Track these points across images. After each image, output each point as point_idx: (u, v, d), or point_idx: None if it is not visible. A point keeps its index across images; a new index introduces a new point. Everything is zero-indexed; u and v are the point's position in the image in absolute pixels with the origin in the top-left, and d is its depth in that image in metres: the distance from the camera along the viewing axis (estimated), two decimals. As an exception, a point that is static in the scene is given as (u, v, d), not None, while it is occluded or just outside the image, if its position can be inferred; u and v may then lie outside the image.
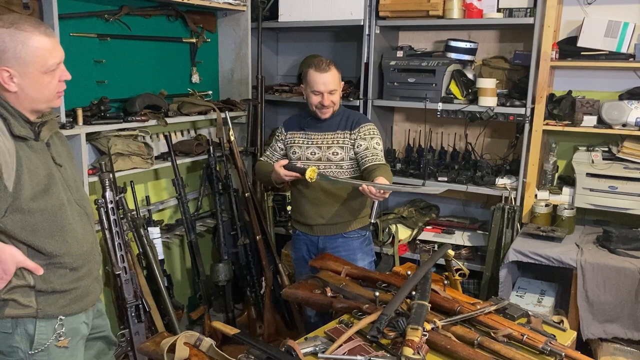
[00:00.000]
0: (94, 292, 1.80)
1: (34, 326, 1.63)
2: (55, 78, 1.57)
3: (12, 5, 2.27)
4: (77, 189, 1.74)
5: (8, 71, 1.49)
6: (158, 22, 3.06)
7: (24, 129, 1.56)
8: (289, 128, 2.63)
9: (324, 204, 2.53)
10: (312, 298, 1.98)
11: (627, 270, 2.53)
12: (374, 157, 2.45)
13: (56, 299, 1.66)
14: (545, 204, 3.00)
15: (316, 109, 2.50)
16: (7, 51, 1.47)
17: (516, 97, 3.03)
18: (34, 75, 1.52)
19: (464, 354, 1.56)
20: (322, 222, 2.55)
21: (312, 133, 2.55)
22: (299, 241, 2.67)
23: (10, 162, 1.49)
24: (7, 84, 1.49)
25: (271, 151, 2.69)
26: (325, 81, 2.43)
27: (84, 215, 1.75)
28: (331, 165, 2.52)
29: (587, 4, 3.03)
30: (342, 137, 2.51)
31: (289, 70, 4.08)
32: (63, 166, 1.68)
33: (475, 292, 3.12)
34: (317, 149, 2.53)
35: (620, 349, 2.64)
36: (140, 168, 2.76)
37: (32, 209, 1.56)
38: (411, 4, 3.14)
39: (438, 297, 1.85)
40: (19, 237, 1.57)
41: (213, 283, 3.19)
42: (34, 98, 1.55)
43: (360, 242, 2.61)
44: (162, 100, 2.91)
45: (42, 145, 1.62)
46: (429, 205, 3.57)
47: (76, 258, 1.68)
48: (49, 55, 1.52)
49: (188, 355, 1.51)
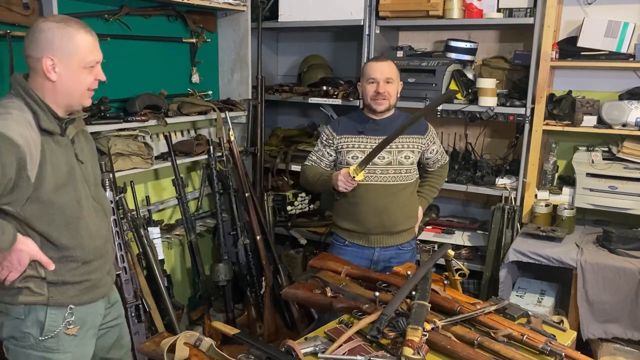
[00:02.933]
0: (105, 285, 1.85)
1: (45, 313, 1.69)
2: (92, 75, 1.68)
3: (12, 5, 2.27)
4: (96, 186, 1.82)
5: (52, 60, 1.59)
6: (158, 22, 3.06)
7: (52, 123, 1.63)
8: (342, 132, 2.46)
9: (387, 211, 2.41)
10: (312, 298, 1.98)
11: (627, 270, 2.53)
12: (442, 157, 2.64)
13: (67, 290, 1.71)
14: (545, 204, 3.00)
15: (371, 101, 2.39)
16: (55, 43, 1.59)
17: (516, 97, 3.03)
18: (74, 68, 1.62)
19: (464, 354, 1.56)
20: (382, 231, 2.43)
21: (376, 137, 2.39)
22: (346, 253, 2.46)
23: (35, 155, 1.56)
24: (49, 72, 1.60)
25: (318, 157, 2.53)
26: (382, 69, 2.36)
27: (100, 211, 1.81)
28: (402, 169, 2.42)
29: (587, 4, 3.03)
30: (413, 141, 2.45)
31: (289, 70, 4.08)
32: (84, 163, 1.76)
33: (475, 292, 3.12)
34: (387, 153, 2.39)
35: (620, 349, 2.64)
36: (140, 168, 2.76)
37: (51, 200, 1.62)
38: (411, 4, 3.14)
39: (438, 297, 1.85)
40: (35, 227, 1.63)
41: (213, 283, 3.18)
42: (69, 90, 1.64)
43: (410, 256, 2.54)
44: (162, 100, 2.91)
45: (67, 141, 1.70)
46: (429, 205, 3.57)
47: (88, 252, 1.74)
48: (89, 53, 1.64)
49: (188, 355, 1.51)
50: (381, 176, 2.40)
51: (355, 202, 2.42)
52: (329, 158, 2.52)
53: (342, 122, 2.53)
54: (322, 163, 2.53)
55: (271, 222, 3.54)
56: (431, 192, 2.66)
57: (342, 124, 2.51)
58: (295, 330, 3.27)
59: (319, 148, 2.54)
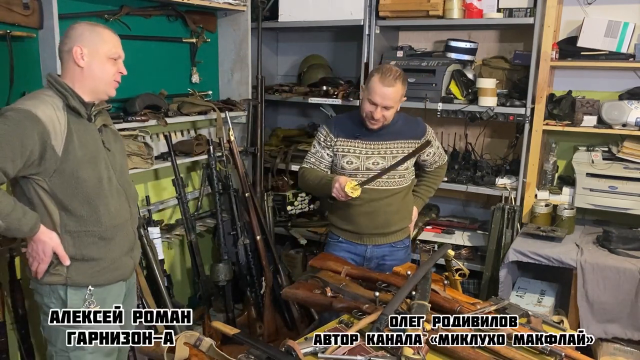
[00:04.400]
0: (123, 267, 1.95)
1: (65, 292, 1.83)
2: (116, 67, 1.87)
3: (12, 5, 2.27)
4: (122, 173, 1.96)
5: (82, 49, 1.80)
6: (158, 22, 3.06)
7: (78, 104, 1.81)
8: (340, 134, 2.41)
9: (379, 213, 2.41)
10: (312, 298, 1.98)
11: (627, 270, 2.53)
12: (440, 158, 2.59)
13: (85, 269, 1.84)
14: (545, 204, 3.00)
15: (365, 118, 2.32)
16: (84, 35, 1.81)
17: (516, 97, 3.03)
18: (101, 58, 1.82)
19: (464, 354, 1.56)
20: (375, 232, 2.44)
21: (372, 142, 2.37)
22: (340, 249, 2.48)
23: (59, 130, 1.74)
24: (78, 59, 1.80)
25: (317, 159, 2.46)
26: (385, 95, 2.23)
27: (123, 194, 1.94)
28: (395, 175, 2.38)
29: (587, 4, 3.03)
30: (408, 146, 2.39)
31: (289, 70, 4.08)
32: (111, 151, 1.92)
33: (475, 292, 3.12)
34: (381, 158, 2.37)
35: (620, 349, 2.64)
36: (140, 168, 2.76)
37: (75, 174, 1.78)
38: (411, 4, 3.14)
39: (438, 297, 1.85)
40: (58, 197, 1.78)
41: (213, 283, 3.18)
42: (96, 77, 1.83)
43: (404, 253, 2.54)
44: (162, 100, 2.91)
45: (94, 127, 1.87)
46: (428, 205, 3.57)
47: (106, 228, 1.86)
48: (114, 47, 1.86)
49: (188, 355, 1.51)
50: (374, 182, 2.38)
51: (349, 205, 2.40)
52: (328, 160, 2.45)
53: (338, 122, 2.46)
54: (321, 165, 2.46)
55: (271, 222, 3.54)
56: (427, 191, 2.65)
57: (338, 124, 2.44)
58: (295, 330, 3.27)
59: (317, 150, 2.47)
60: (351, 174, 2.37)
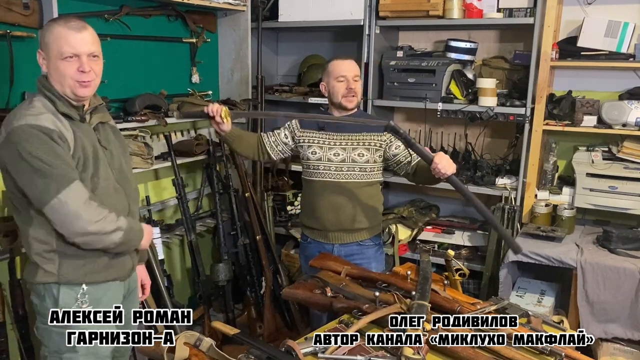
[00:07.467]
0: (119, 266, 1.89)
1: (58, 291, 1.78)
2: (73, 66, 1.72)
3: (12, 5, 2.27)
4: (120, 171, 1.90)
5: (41, 53, 1.75)
6: (158, 22, 3.06)
7: (67, 108, 1.76)
8: (305, 125, 2.53)
9: (343, 208, 2.45)
10: (312, 298, 1.97)
11: (627, 270, 2.53)
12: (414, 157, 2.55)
13: (78, 266, 1.78)
14: (545, 204, 3.00)
15: (343, 98, 2.45)
16: (42, 38, 1.74)
17: (516, 97, 3.03)
18: (54, 59, 1.72)
19: (464, 354, 1.56)
20: (339, 228, 2.48)
21: (334, 134, 2.47)
22: (310, 249, 2.55)
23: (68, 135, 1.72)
24: (40, 65, 1.76)
25: (274, 132, 2.58)
26: (350, 67, 2.46)
27: (121, 192, 1.88)
28: (355, 167, 2.44)
29: (587, 4, 3.03)
30: (370, 139, 2.45)
31: (289, 70, 4.08)
32: (108, 149, 1.87)
33: (475, 292, 3.12)
34: (342, 150, 2.45)
35: (620, 349, 2.64)
36: (140, 168, 2.76)
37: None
38: (411, 4, 3.14)
39: (438, 297, 1.85)
40: None
41: (213, 283, 3.18)
42: (57, 80, 1.74)
43: (375, 251, 2.56)
44: (162, 100, 2.91)
45: (89, 127, 1.82)
46: (429, 205, 3.57)
47: None
48: (65, 44, 1.70)
49: (188, 355, 1.51)
50: (335, 173, 2.45)
51: (314, 198, 2.50)
52: (282, 138, 2.56)
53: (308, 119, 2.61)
54: (271, 137, 2.57)
55: (271, 222, 3.54)
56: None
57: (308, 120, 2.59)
58: (295, 330, 3.27)
59: (279, 130, 2.59)
60: (314, 165, 2.48)
